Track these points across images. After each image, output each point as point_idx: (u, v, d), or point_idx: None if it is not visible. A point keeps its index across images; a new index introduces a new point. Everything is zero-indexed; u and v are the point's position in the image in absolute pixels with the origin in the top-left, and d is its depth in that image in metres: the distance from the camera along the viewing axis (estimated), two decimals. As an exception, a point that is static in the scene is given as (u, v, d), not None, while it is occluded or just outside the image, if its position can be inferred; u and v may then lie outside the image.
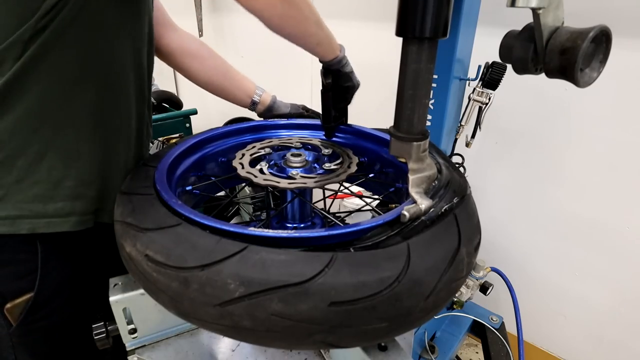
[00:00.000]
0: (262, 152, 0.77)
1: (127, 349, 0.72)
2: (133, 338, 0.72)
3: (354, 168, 0.72)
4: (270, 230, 0.50)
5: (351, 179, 0.88)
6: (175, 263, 0.46)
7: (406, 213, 0.53)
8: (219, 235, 0.48)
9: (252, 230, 0.49)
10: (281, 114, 0.99)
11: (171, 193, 0.58)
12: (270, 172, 0.70)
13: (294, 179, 0.68)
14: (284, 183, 0.65)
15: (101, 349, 0.69)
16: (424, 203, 0.55)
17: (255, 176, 0.67)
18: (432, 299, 0.48)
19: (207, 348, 0.77)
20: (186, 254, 0.46)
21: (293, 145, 0.80)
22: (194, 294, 0.45)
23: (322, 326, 0.44)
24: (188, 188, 0.77)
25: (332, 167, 0.72)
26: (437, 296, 0.48)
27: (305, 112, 1.01)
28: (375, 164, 0.85)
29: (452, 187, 0.60)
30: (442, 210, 0.55)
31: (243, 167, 0.70)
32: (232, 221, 1.59)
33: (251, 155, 0.75)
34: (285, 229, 0.77)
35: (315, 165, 0.75)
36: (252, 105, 0.98)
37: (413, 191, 0.56)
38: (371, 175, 0.85)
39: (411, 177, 0.57)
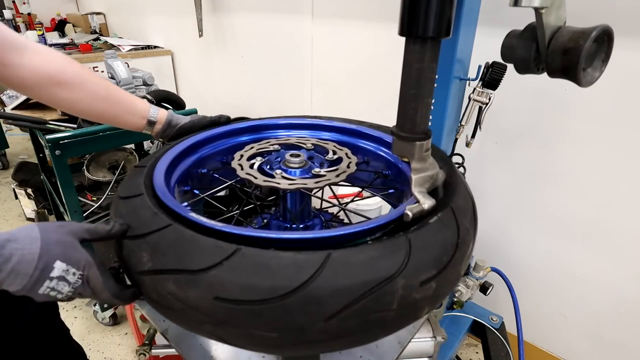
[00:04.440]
0: (262, 152, 0.77)
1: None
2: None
3: (353, 168, 0.72)
4: (211, 220, 0.52)
5: (351, 179, 0.88)
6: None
7: (409, 212, 0.53)
8: (166, 215, 0.53)
9: (185, 212, 0.53)
10: (184, 125, 0.86)
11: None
12: (270, 173, 0.70)
13: (293, 179, 0.68)
14: (284, 184, 0.65)
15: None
16: (426, 202, 0.54)
17: (255, 177, 0.67)
18: (335, 323, 0.43)
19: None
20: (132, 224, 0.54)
21: (293, 145, 0.80)
22: (126, 258, 0.52)
23: (209, 317, 0.45)
24: (186, 188, 0.78)
25: (332, 167, 0.72)
26: (344, 321, 0.43)
27: (220, 120, 0.89)
28: (376, 164, 0.85)
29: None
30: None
31: (242, 168, 0.70)
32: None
33: (250, 155, 0.75)
34: (281, 230, 0.77)
35: (315, 165, 0.75)
36: (149, 126, 0.84)
37: (416, 190, 0.56)
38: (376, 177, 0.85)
39: (414, 177, 0.57)
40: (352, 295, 0.43)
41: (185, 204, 0.72)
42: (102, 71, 2.53)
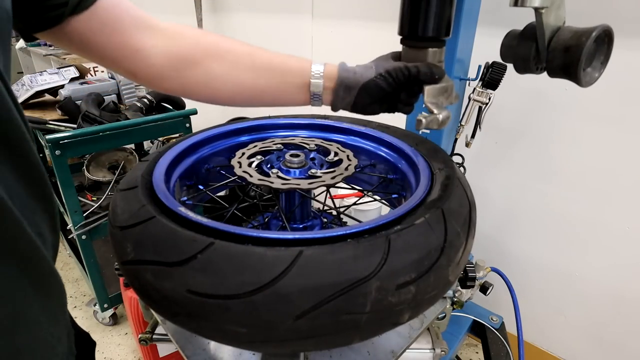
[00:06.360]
0: (264, 151, 0.77)
1: None
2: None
3: (351, 171, 0.71)
4: (196, 215, 0.52)
5: (354, 182, 0.88)
6: (115, 222, 0.56)
7: (422, 119, 0.50)
8: (155, 207, 0.55)
9: (173, 205, 0.54)
10: (369, 84, 0.56)
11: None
12: (268, 173, 0.70)
13: (288, 179, 0.68)
14: (277, 183, 0.65)
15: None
16: (442, 113, 0.51)
17: (251, 175, 0.67)
18: (305, 322, 0.42)
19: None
20: (116, 216, 0.56)
21: (296, 145, 0.80)
22: (115, 247, 0.54)
23: (183, 309, 0.46)
24: (189, 183, 0.78)
25: (330, 169, 0.72)
26: (314, 321, 0.43)
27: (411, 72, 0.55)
28: (375, 165, 0.85)
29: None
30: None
31: (240, 166, 0.70)
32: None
33: (252, 154, 0.75)
34: (280, 229, 0.77)
35: (315, 166, 0.75)
36: (316, 89, 0.61)
37: (428, 101, 0.52)
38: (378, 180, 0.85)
39: (426, 88, 0.52)
40: (322, 295, 0.42)
41: (185, 198, 0.72)
42: (103, 71, 2.53)
